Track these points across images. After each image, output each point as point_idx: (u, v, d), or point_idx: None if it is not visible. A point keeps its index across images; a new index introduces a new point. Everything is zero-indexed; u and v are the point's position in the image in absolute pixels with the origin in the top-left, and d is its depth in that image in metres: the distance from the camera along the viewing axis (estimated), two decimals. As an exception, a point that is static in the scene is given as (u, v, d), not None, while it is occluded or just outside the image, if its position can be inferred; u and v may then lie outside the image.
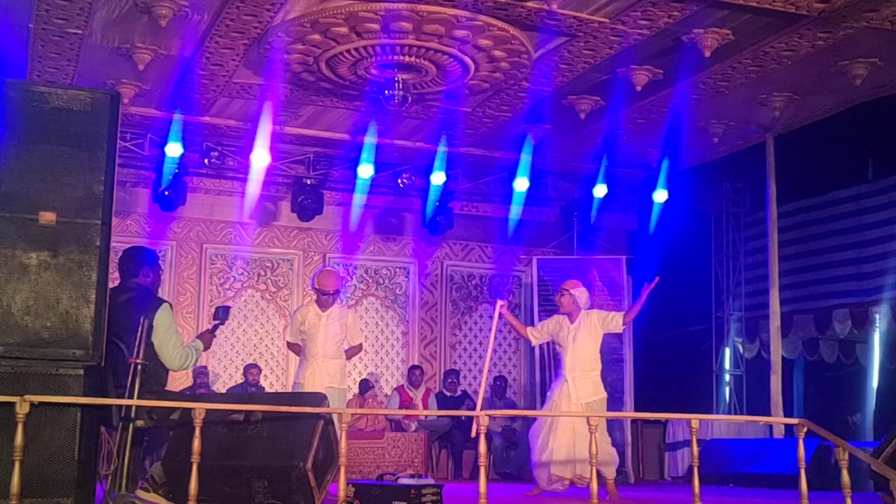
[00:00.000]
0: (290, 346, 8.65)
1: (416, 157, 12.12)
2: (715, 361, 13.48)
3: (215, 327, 6.39)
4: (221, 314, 6.33)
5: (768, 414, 11.11)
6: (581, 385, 8.00)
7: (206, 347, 6.35)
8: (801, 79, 9.46)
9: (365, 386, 11.94)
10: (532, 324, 11.59)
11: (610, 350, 11.65)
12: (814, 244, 12.43)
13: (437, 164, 11.96)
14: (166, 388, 6.15)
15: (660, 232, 12.70)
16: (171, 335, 5.82)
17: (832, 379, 13.87)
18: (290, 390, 12.03)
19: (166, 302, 5.95)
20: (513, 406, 12.50)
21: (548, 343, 11.67)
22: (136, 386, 5.34)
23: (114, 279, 5.60)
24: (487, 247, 13.45)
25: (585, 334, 8.11)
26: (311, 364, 8.10)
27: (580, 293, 8.22)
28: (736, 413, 12.95)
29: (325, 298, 8.18)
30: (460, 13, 8.08)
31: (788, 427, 10.93)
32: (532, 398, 12.43)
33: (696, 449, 5.85)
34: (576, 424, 7.78)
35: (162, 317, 5.77)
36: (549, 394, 8.33)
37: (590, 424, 5.69)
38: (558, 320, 8.28)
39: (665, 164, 12.44)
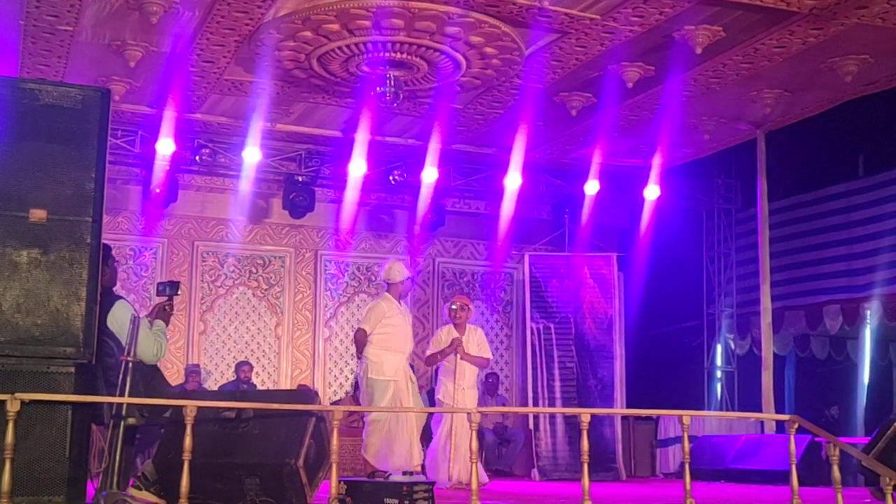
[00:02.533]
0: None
1: (407, 153, 12.11)
2: (706, 358, 13.51)
3: (169, 301, 5.96)
4: (170, 289, 5.92)
5: (760, 410, 11.13)
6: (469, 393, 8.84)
7: (167, 322, 5.94)
8: (792, 75, 9.48)
9: (356, 386, 11.91)
10: (524, 322, 11.67)
11: (600, 346, 11.69)
12: (805, 240, 12.46)
13: (428, 160, 11.97)
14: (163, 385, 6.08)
15: (651, 229, 12.72)
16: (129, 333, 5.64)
17: (823, 375, 13.92)
18: (283, 387, 12.08)
19: (121, 299, 5.78)
20: (504, 403, 12.51)
21: (539, 341, 11.72)
22: (128, 383, 5.32)
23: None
24: (479, 243, 13.46)
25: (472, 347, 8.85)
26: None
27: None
28: (727, 409, 12.97)
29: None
30: (452, 10, 8.08)
31: (780, 423, 10.95)
32: (523, 395, 12.44)
33: (687, 445, 5.85)
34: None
35: (117, 315, 5.60)
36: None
37: (582, 422, 5.70)
38: (451, 333, 8.85)
39: (656, 161, 12.46)
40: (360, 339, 8.36)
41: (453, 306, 8.97)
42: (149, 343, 5.59)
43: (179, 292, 6.02)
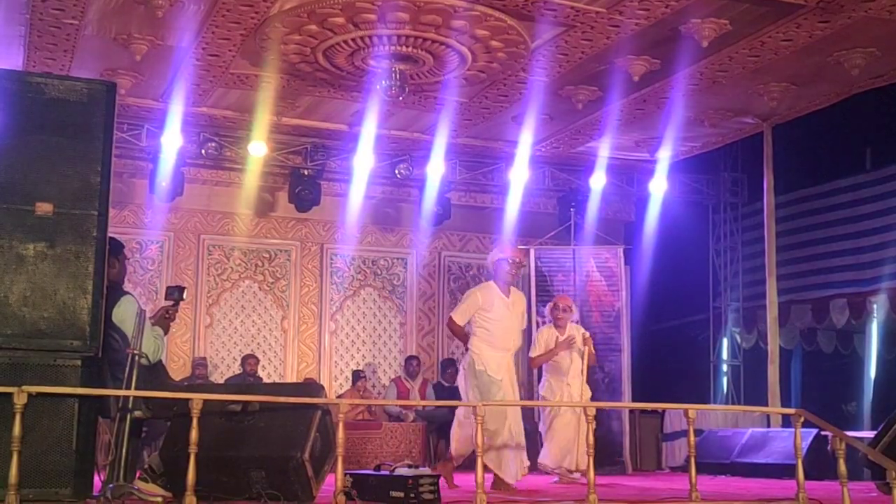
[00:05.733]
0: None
1: (413, 147, 12.11)
2: (713, 351, 13.51)
3: (174, 306, 6.04)
4: (176, 293, 5.99)
5: (766, 404, 11.12)
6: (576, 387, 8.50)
7: (166, 332, 6.00)
8: (799, 69, 9.45)
9: (356, 377, 11.96)
10: (531, 315, 11.64)
11: (607, 340, 11.66)
12: (811, 234, 12.44)
13: (434, 154, 11.97)
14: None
15: (657, 222, 12.72)
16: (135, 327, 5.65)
17: (830, 369, 13.89)
18: (289, 381, 12.09)
19: (128, 293, 5.82)
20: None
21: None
22: (134, 376, 5.34)
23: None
24: (485, 237, 13.45)
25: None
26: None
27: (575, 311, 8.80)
28: (733, 403, 12.96)
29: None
30: (457, 3, 8.07)
31: (786, 417, 10.94)
32: (530, 388, 12.43)
33: (693, 439, 5.86)
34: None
35: (122, 310, 5.62)
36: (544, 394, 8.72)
37: (587, 415, 5.71)
38: (552, 333, 8.59)
39: (663, 155, 12.46)
40: (454, 330, 7.74)
41: (558, 308, 8.62)
42: (149, 342, 5.62)
43: (185, 297, 6.05)
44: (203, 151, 11.52)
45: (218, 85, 10.20)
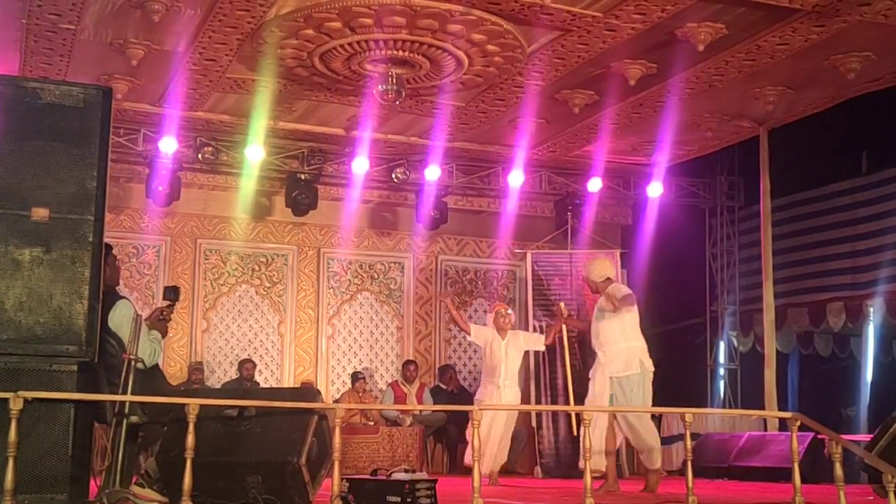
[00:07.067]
0: None
1: (410, 151, 12.11)
2: (709, 355, 13.51)
3: (169, 307, 6.05)
4: (172, 294, 6.03)
5: (763, 407, 11.12)
6: (509, 392, 9.32)
7: (164, 335, 6.02)
8: (795, 72, 9.46)
9: (355, 378, 11.96)
10: (527, 319, 11.67)
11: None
12: (808, 238, 12.45)
13: (431, 158, 11.97)
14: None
15: (654, 226, 12.72)
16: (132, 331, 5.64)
17: (827, 372, 13.89)
18: (286, 385, 12.09)
19: (124, 298, 5.82)
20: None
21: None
22: (130, 381, 5.33)
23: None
24: (482, 241, 13.46)
25: (514, 350, 9.41)
26: None
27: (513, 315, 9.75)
28: (730, 407, 12.95)
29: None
30: (454, 8, 8.07)
31: (783, 420, 10.95)
32: (526, 393, 12.43)
33: (689, 443, 5.86)
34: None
35: (118, 315, 5.62)
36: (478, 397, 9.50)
37: (583, 419, 5.71)
38: (494, 334, 9.42)
39: (659, 158, 12.46)
40: None
41: (500, 314, 9.51)
42: (145, 346, 5.61)
43: (181, 297, 6.04)
44: (200, 156, 11.52)
45: (214, 89, 10.20)
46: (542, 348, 10.27)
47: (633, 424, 7.93)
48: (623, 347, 8.16)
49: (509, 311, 9.68)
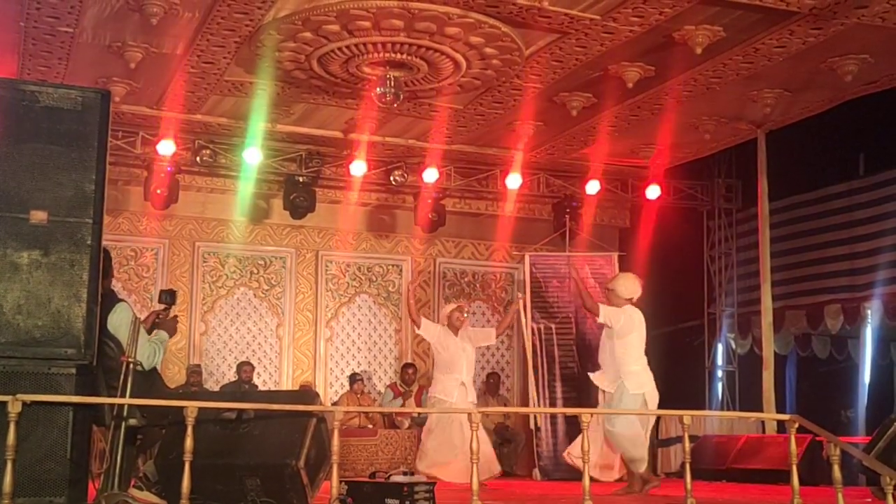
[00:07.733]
0: None
1: (408, 154, 12.12)
2: (707, 357, 13.51)
3: (165, 310, 6.05)
4: (168, 297, 6.03)
5: (761, 409, 11.12)
6: (470, 389, 9.34)
7: (171, 334, 6.02)
8: (793, 75, 9.48)
9: (353, 379, 11.96)
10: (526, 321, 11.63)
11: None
12: (805, 240, 12.46)
13: (429, 161, 11.98)
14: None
15: (652, 228, 12.73)
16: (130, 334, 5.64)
17: (824, 374, 13.90)
18: (284, 388, 12.08)
19: (122, 301, 5.80)
20: (505, 403, 12.50)
21: (540, 341, 11.72)
22: (129, 384, 5.32)
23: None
24: (480, 244, 13.47)
25: (469, 346, 9.40)
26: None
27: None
28: (728, 409, 12.96)
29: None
30: (452, 10, 8.08)
31: (781, 423, 10.95)
32: (525, 395, 12.45)
33: (688, 445, 5.87)
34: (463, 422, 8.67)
35: (117, 318, 5.59)
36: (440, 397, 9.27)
37: (582, 422, 5.71)
38: (445, 330, 9.37)
39: (657, 161, 12.48)
40: None
41: (461, 310, 9.55)
42: (144, 349, 5.60)
43: (177, 301, 6.04)
44: (198, 158, 11.53)
45: (212, 92, 10.20)
46: (493, 342, 10.57)
47: (617, 435, 8.09)
48: (629, 370, 8.44)
49: (466, 313, 9.78)
